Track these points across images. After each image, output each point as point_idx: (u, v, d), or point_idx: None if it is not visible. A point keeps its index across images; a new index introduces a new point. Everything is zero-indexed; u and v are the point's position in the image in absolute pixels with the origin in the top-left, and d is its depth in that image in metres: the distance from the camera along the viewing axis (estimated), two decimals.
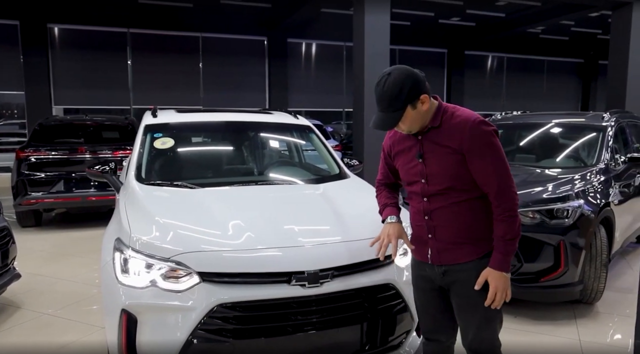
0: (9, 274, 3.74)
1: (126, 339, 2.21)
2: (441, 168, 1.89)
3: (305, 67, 14.94)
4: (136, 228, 2.41)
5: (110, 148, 6.72)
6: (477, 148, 1.82)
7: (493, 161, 1.82)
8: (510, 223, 1.83)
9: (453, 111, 1.91)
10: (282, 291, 2.17)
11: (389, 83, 1.81)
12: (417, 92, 1.82)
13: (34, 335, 3.38)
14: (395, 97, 1.81)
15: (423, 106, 1.85)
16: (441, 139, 1.89)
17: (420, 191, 1.97)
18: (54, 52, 12.49)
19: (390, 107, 1.83)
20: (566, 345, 3.26)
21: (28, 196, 6.31)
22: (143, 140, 3.52)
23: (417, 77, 1.84)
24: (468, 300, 1.94)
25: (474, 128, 1.82)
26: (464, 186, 1.88)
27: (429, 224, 1.98)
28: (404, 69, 1.85)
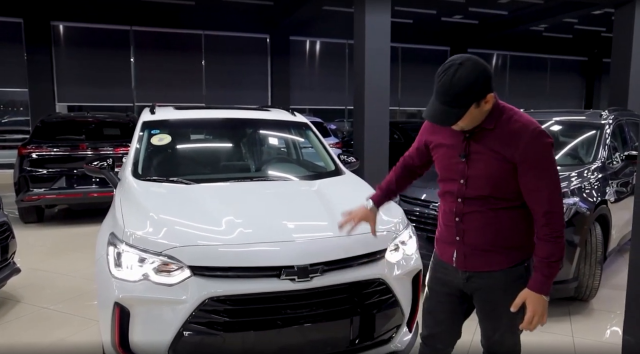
0: (9, 269, 3.79)
1: (119, 332, 2.24)
2: (485, 173, 1.75)
3: (307, 65, 14.94)
4: (130, 223, 2.44)
5: (111, 145, 6.77)
6: (533, 161, 1.67)
7: (548, 177, 1.68)
8: (557, 244, 1.70)
9: (511, 114, 1.74)
10: (272, 285, 2.20)
11: (461, 75, 1.61)
12: (486, 91, 1.65)
13: (31, 329, 3.43)
14: (464, 93, 1.62)
15: (486, 105, 1.68)
16: (493, 143, 1.72)
17: (456, 191, 1.83)
18: (58, 50, 12.56)
19: (454, 102, 1.64)
20: (559, 342, 3.28)
21: (30, 192, 6.38)
22: (140, 136, 3.56)
23: (489, 74, 1.66)
24: (493, 308, 1.87)
25: (534, 138, 1.67)
26: (506, 195, 1.75)
27: (459, 227, 1.85)
28: (477, 61, 1.65)
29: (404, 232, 2.70)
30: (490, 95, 1.67)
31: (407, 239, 2.71)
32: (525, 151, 1.67)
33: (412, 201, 4.43)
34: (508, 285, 1.81)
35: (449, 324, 1.99)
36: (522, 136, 1.68)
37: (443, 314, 1.98)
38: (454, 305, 1.96)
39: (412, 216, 4.35)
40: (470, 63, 1.63)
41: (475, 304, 1.92)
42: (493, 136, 1.73)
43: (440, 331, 2.00)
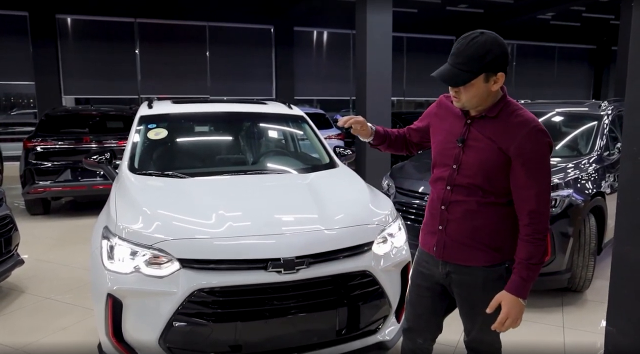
0: (12, 260, 3.89)
1: (112, 322, 2.32)
2: (479, 161, 1.74)
3: (312, 55, 14.92)
4: (122, 217, 2.51)
5: (115, 138, 6.86)
6: (527, 157, 1.67)
7: (539, 176, 1.68)
8: (538, 246, 1.69)
9: (515, 108, 1.74)
10: (259, 277, 2.25)
11: (479, 41, 1.64)
12: (498, 66, 1.66)
13: (34, 318, 3.53)
14: (477, 57, 1.63)
15: (495, 85, 1.68)
16: (492, 132, 1.73)
17: (446, 176, 1.83)
18: (63, 43, 12.65)
19: (465, 65, 1.65)
20: (549, 332, 3.32)
21: (36, 185, 6.49)
22: (137, 131, 3.62)
23: (506, 51, 1.68)
24: (472, 306, 1.87)
25: (533, 134, 1.67)
26: (495, 189, 1.74)
27: (443, 216, 1.85)
28: (498, 37, 1.68)
29: (392, 225, 2.74)
30: (501, 74, 1.67)
31: (396, 231, 2.75)
32: (522, 146, 1.67)
33: (409, 194, 4.47)
34: (487, 284, 1.80)
35: (428, 319, 2.00)
36: (521, 130, 1.68)
37: (422, 309, 1.99)
38: (435, 300, 1.96)
39: (409, 208, 4.40)
40: (492, 35, 1.66)
41: (456, 300, 1.93)
42: (493, 124, 1.74)
43: (420, 326, 2.01)
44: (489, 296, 1.76)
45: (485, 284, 1.81)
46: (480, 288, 1.82)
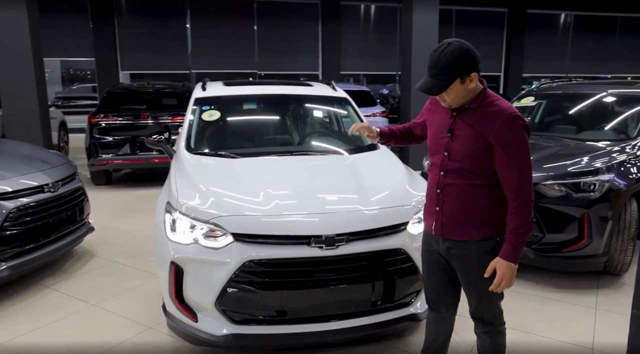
0: (85, 228, 4.37)
1: (175, 286, 2.65)
2: (465, 149, 1.98)
3: (358, 30, 14.84)
4: (182, 194, 2.81)
5: (169, 114, 7.28)
6: (505, 140, 1.89)
7: (518, 155, 1.90)
8: (525, 217, 1.91)
9: (493, 99, 1.98)
10: (302, 252, 2.51)
11: (448, 52, 1.87)
12: (469, 68, 1.89)
13: (107, 279, 3.98)
14: (449, 67, 1.87)
15: (471, 83, 1.92)
16: (474, 121, 1.97)
17: (440, 163, 2.07)
18: (120, 20, 13.22)
19: (441, 75, 1.89)
20: (579, 312, 3.42)
21: (99, 158, 7.05)
22: (193, 112, 3.92)
23: (474, 54, 1.91)
24: (469, 278, 2.09)
25: (507, 120, 1.89)
26: (482, 171, 1.97)
27: (439, 198, 2.09)
28: (464, 43, 1.91)
29: None
30: (474, 74, 1.92)
31: None
32: (500, 131, 1.90)
33: None
34: (480, 256, 2.03)
35: (443, 289, 2.23)
36: (498, 118, 1.91)
37: (436, 281, 2.23)
38: (445, 272, 2.20)
39: None
40: (458, 43, 1.90)
41: (457, 274, 2.16)
42: (475, 115, 1.98)
43: (438, 296, 2.26)
44: (483, 268, 2.01)
45: (479, 256, 2.03)
46: (475, 260, 2.04)
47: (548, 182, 3.75)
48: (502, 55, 15.77)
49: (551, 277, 3.95)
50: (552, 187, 3.75)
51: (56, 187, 3.88)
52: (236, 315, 2.57)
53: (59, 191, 3.91)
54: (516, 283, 3.79)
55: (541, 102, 5.52)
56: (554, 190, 3.75)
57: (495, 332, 2.18)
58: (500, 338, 2.20)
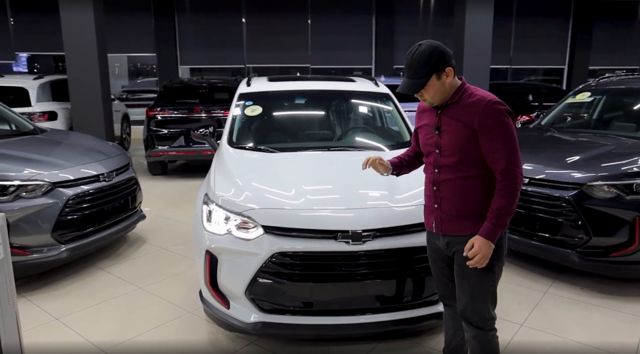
0: (137, 215, 4.65)
1: (210, 273, 2.80)
2: (454, 142, 2.05)
3: (413, 23, 14.57)
4: (219, 186, 2.95)
5: (221, 108, 7.54)
6: (488, 126, 1.97)
7: (502, 138, 1.97)
8: (509, 199, 1.98)
9: (473, 91, 2.07)
10: (329, 246, 2.56)
11: (419, 52, 1.99)
12: (443, 64, 1.99)
13: (156, 264, 4.24)
14: (422, 64, 1.98)
15: (447, 78, 2.02)
16: (457, 114, 2.05)
17: (433, 161, 2.15)
18: (180, 16, 13.76)
19: (416, 74, 2.00)
20: (624, 320, 3.26)
21: (155, 149, 7.43)
22: (236, 107, 4.06)
23: (444, 51, 2.01)
24: (462, 271, 2.12)
25: (487, 106, 1.98)
26: (474, 161, 2.03)
27: (436, 195, 2.16)
28: (434, 42, 2.03)
29: None
30: (449, 69, 2.01)
31: None
32: (482, 118, 1.98)
33: None
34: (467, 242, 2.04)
35: (453, 285, 2.23)
36: (478, 106, 2.00)
37: (445, 277, 2.28)
38: (450, 269, 2.23)
39: None
40: (428, 43, 2.01)
41: (454, 271, 2.18)
42: (457, 108, 2.06)
43: (449, 292, 2.29)
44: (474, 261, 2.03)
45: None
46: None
47: (597, 183, 3.58)
48: (566, 47, 14.94)
49: (596, 282, 3.77)
50: (601, 189, 3.57)
51: (110, 177, 4.17)
52: (265, 304, 2.68)
53: (113, 180, 4.19)
54: (559, 286, 3.71)
55: (600, 97, 5.24)
56: (603, 191, 3.57)
57: (483, 338, 2.16)
58: (490, 346, 2.17)
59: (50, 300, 3.54)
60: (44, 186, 3.67)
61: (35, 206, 3.59)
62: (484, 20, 7.84)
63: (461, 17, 7.96)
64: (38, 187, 3.65)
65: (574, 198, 3.58)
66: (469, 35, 7.85)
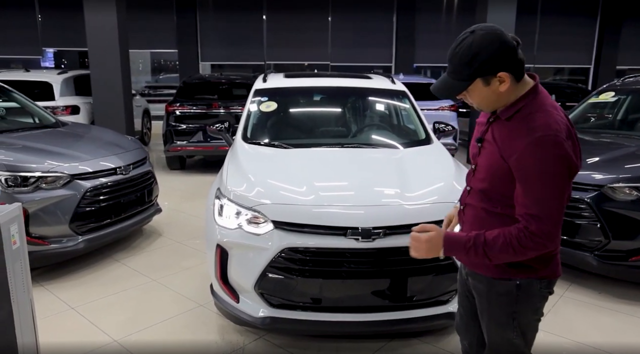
0: (153, 209, 4.72)
1: (220, 267, 2.82)
2: (488, 166, 1.60)
3: (434, 21, 14.40)
4: (231, 181, 2.97)
5: (239, 104, 7.57)
6: (527, 171, 1.47)
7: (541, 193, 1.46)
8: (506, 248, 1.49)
9: (533, 110, 1.50)
10: (339, 242, 2.55)
11: (465, 44, 1.48)
12: (495, 66, 1.46)
13: (170, 257, 4.29)
14: (465, 63, 1.47)
15: (501, 85, 1.49)
16: (501, 136, 1.55)
17: (468, 175, 1.76)
18: (201, 13, 13.88)
19: (454, 73, 1.52)
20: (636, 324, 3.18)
21: (174, 144, 7.52)
22: (252, 103, 4.08)
23: (503, 47, 1.45)
24: (482, 315, 1.75)
25: (533, 146, 1.44)
26: (502, 197, 1.57)
27: (460, 216, 1.78)
28: (492, 30, 1.47)
29: None
30: (504, 74, 1.48)
31: None
32: (522, 158, 1.47)
33: None
34: (492, 297, 1.67)
35: (468, 321, 1.89)
36: (524, 139, 1.46)
37: (463, 309, 1.92)
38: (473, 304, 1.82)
39: None
40: (483, 32, 1.47)
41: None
42: (505, 128, 1.55)
43: (461, 327, 1.95)
44: (493, 310, 1.67)
45: (490, 296, 1.67)
46: (486, 299, 1.70)
47: (618, 185, 3.49)
48: (593, 45, 14.57)
49: (614, 286, 3.67)
50: (622, 191, 3.48)
51: (127, 170, 4.23)
52: (274, 299, 2.68)
53: (130, 173, 4.25)
54: (576, 290, 3.64)
55: (624, 97, 5.10)
56: (624, 193, 3.48)
57: None
58: None
59: (67, 289, 3.62)
60: (63, 178, 3.74)
61: (55, 197, 3.67)
62: (506, 19, 7.71)
63: (483, 16, 7.84)
64: (57, 179, 3.73)
65: (593, 200, 3.50)
66: None
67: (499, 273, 1.62)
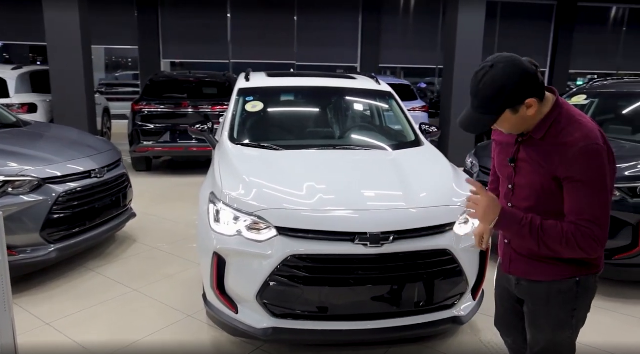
0: (127, 213, 4.46)
1: (217, 276, 2.66)
2: (529, 186, 1.64)
3: (399, 21, 14.56)
4: (227, 185, 2.81)
5: (209, 104, 7.35)
6: (576, 170, 1.50)
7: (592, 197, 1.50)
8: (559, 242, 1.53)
9: (565, 125, 1.55)
10: (346, 248, 2.46)
11: (488, 79, 1.49)
12: (522, 96, 1.50)
13: (147, 265, 4.06)
14: (492, 98, 1.50)
15: (528, 110, 1.53)
16: (539, 155, 1.59)
17: (505, 194, 1.77)
18: (163, 9, 13.41)
19: (483, 108, 1.53)
20: (627, 323, 3.26)
21: (141, 145, 7.19)
22: (236, 103, 3.91)
23: (526, 76, 1.49)
24: (535, 318, 1.77)
25: (579, 156, 1.49)
26: (554, 208, 1.60)
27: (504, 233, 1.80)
28: (511, 61, 1.49)
29: None
30: (532, 101, 1.51)
31: None
32: (570, 168, 1.51)
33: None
34: (552, 297, 1.69)
35: (510, 321, 1.95)
36: (568, 151, 1.51)
37: (504, 309, 1.98)
38: (515, 305, 1.89)
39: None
40: (503, 65, 1.49)
41: (524, 310, 1.84)
42: (541, 147, 1.59)
43: (503, 326, 2.02)
44: (552, 310, 1.70)
45: (550, 297, 1.70)
46: (544, 300, 1.71)
47: None
48: (548, 50, 15.17)
49: (614, 286, 3.72)
50: None
51: (102, 173, 3.97)
52: (277, 309, 2.55)
53: (104, 176, 3.99)
54: None
55: (593, 100, 5.28)
56: None
57: None
58: None
59: (39, 303, 3.34)
60: (32, 182, 3.46)
61: (23, 203, 3.38)
62: (475, 19, 7.86)
63: (453, 17, 7.96)
64: (26, 184, 3.44)
65: None
66: (461, 35, 7.86)
67: (557, 274, 1.68)
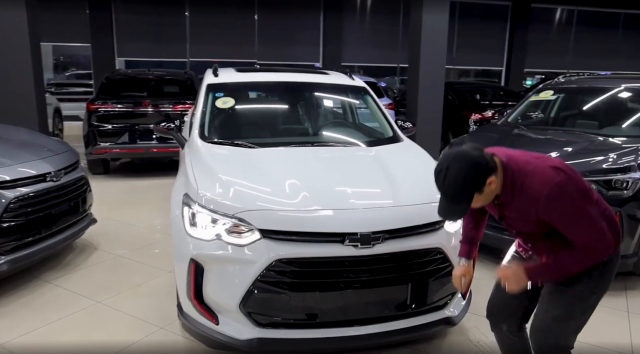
0: (87, 219, 4.14)
1: (194, 285, 2.45)
2: (527, 228, 1.89)
3: (360, 20, 14.57)
4: (203, 185, 2.59)
5: (170, 102, 7.02)
6: (557, 213, 1.74)
7: (576, 221, 1.74)
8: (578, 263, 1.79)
9: (522, 180, 1.77)
10: (336, 250, 2.31)
11: (450, 179, 1.70)
12: (482, 181, 1.72)
13: (112, 274, 3.76)
14: (459, 194, 1.72)
15: (491, 186, 1.75)
16: (517, 209, 1.83)
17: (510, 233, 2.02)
18: (117, 6, 12.83)
19: (455, 201, 1.75)
20: (612, 316, 3.28)
21: (98, 146, 6.79)
22: (205, 99, 3.68)
23: (478, 166, 1.71)
24: (561, 289, 1.90)
25: (551, 195, 1.71)
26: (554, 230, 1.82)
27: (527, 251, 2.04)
28: (461, 158, 1.72)
29: None
30: (491, 178, 1.73)
31: None
32: (547, 208, 1.73)
33: None
34: (582, 275, 1.85)
35: (509, 301, 2.06)
36: (539, 200, 1.72)
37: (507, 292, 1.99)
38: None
39: None
40: (457, 164, 1.70)
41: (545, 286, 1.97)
42: (516, 204, 1.81)
43: (500, 308, 2.10)
44: (590, 283, 1.87)
45: (580, 275, 1.85)
46: (571, 280, 1.86)
47: None
48: (504, 49, 15.59)
49: (613, 285, 3.72)
50: None
51: (58, 177, 3.65)
52: (262, 318, 2.38)
53: (61, 180, 3.67)
54: None
55: (558, 96, 5.36)
56: None
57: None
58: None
59: None
60: None
61: None
62: (439, 19, 7.89)
63: (418, 16, 7.96)
64: None
65: None
66: (426, 34, 7.87)
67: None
